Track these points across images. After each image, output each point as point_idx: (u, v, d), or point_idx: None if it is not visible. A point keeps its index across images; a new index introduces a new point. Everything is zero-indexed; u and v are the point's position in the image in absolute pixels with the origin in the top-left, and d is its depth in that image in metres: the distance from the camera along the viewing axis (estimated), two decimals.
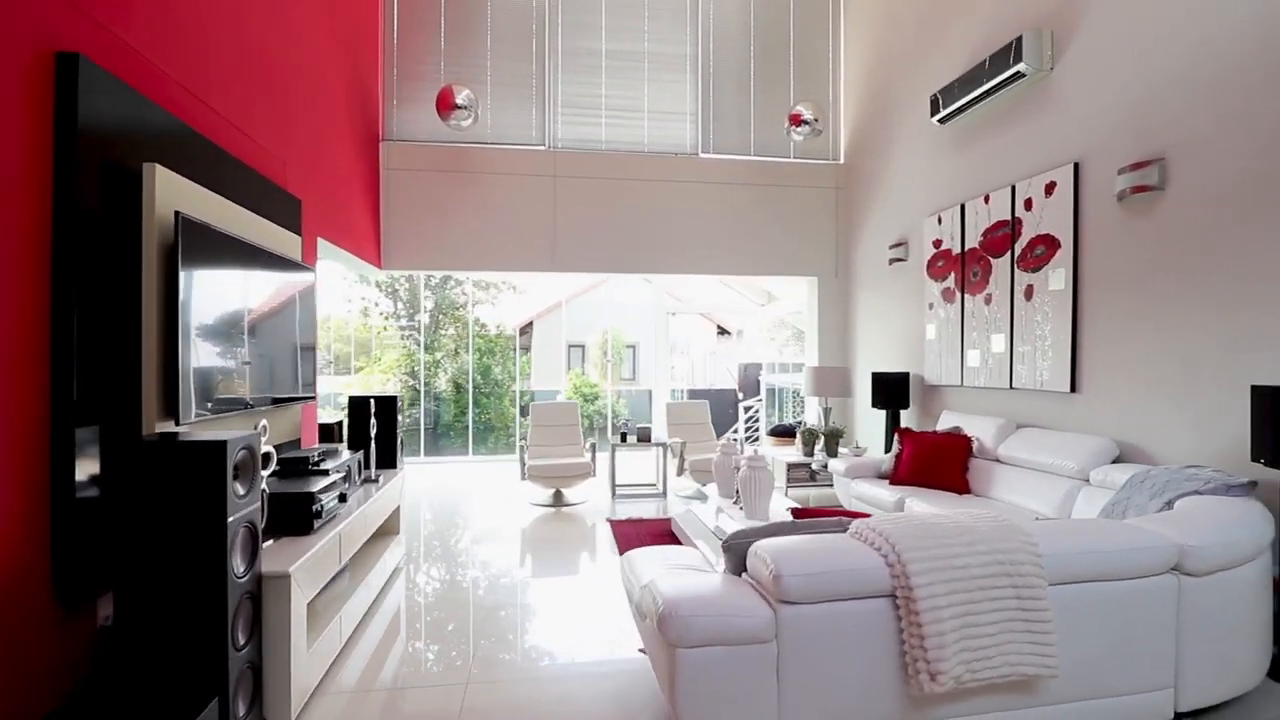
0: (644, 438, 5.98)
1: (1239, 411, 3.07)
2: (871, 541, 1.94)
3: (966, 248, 4.96)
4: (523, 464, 5.67)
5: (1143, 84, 3.56)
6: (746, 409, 11.85)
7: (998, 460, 4.31)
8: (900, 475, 4.53)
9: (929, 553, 1.85)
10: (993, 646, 1.82)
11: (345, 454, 3.27)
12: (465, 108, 5.27)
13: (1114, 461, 3.62)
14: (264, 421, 2.54)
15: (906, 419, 5.72)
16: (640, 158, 6.70)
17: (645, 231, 6.68)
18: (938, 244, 5.31)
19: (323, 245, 4.60)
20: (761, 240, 6.85)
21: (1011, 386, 4.51)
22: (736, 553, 2.10)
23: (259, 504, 2.08)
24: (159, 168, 2.35)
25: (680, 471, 5.86)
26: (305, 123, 4.31)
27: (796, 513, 2.96)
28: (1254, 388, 2.73)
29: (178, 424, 2.29)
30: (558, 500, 5.71)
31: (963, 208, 5.01)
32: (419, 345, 13.45)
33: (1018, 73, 4.26)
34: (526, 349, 16.33)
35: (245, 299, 2.84)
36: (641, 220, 6.68)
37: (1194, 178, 3.29)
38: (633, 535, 4.61)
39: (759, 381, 15.72)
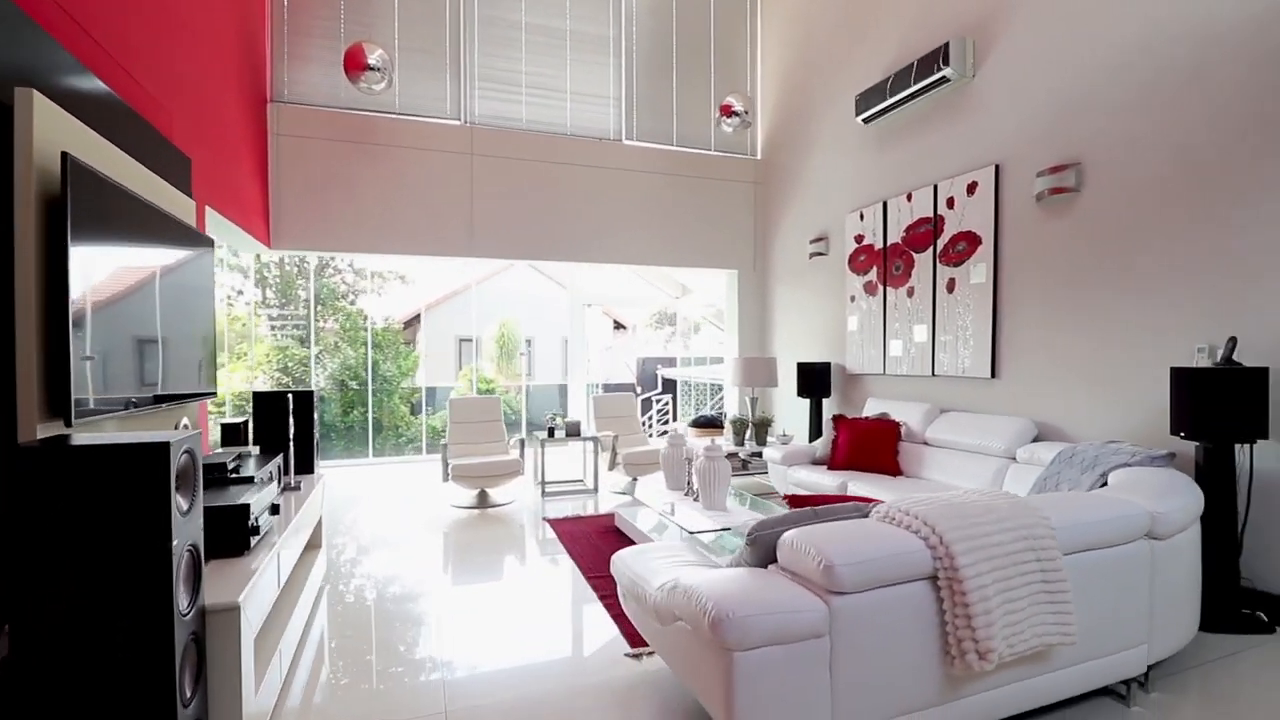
0: (574, 432, 5.74)
1: (1145, 391, 3.42)
2: (908, 525, 1.90)
3: (889, 243, 5.21)
4: (445, 464, 5.24)
5: (1060, 93, 3.88)
6: (657, 402, 11.88)
7: (926, 443, 4.56)
8: (837, 460, 4.67)
9: (966, 532, 1.85)
10: (1023, 621, 1.85)
11: (267, 460, 2.78)
12: (378, 70, 4.73)
13: (1034, 440, 3.93)
14: (185, 419, 2.07)
15: (829, 408, 5.94)
16: (563, 140, 6.43)
17: (568, 217, 6.43)
18: (860, 239, 5.54)
19: (211, 217, 3.93)
20: (683, 232, 6.83)
21: (934, 374, 4.79)
22: (763, 544, 1.99)
23: (201, 521, 1.67)
24: (37, 96, 1.83)
25: (612, 466, 5.69)
26: (189, 69, 3.65)
27: (792, 500, 2.92)
28: (1173, 369, 3.04)
29: (68, 425, 1.79)
30: (483, 501, 5.33)
31: (885, 205, 5.25)
32: (296, 338, 12.16)
33: (943, 77, 4.51)
34: (410, 343, 15.37)
35: (143, 271, 2.31)
36: (564, 206, 6.41)
37: (1106, 181, 3.64)
38: (577, 534, 4.38)
39: (657, 375, 15.89)
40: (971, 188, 4.45)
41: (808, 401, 5.99)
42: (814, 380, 5.81)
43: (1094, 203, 3.70)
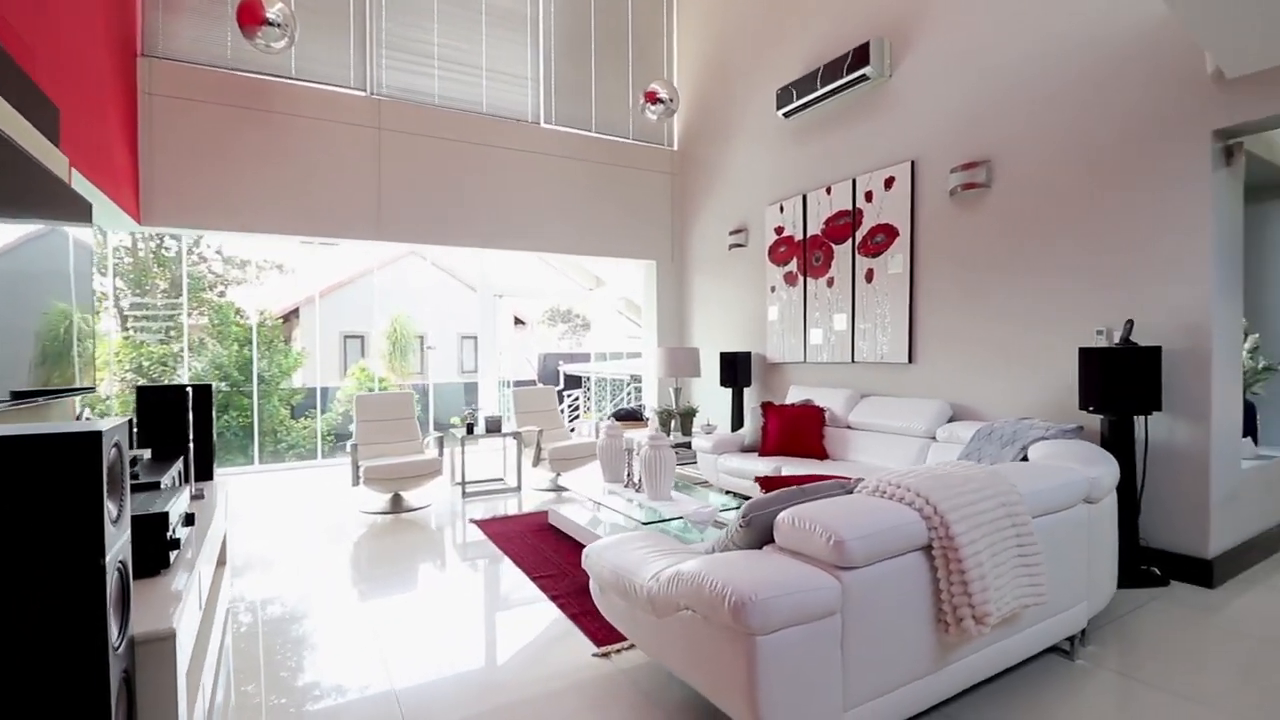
0: (495, 428, 5.47)
1: (1051, 371, 3.76)
2: (900, 498, 1.92)
3: (809, 234, 5.40)
4: (356, 467, 4.80)
5: (972, 94, 4.17)
6: (567, 397, 11.64)
7: (849, 427, 4.77)
8: (768, 447, 4.76)
9: (956, 502, 1.90)
10: (1006, 585, 1.93)
11: (165, 465, 2.37)
12: (278, 25, 4.21)
13: (950, 420, 4.21)
14: (87, 410, 1.70)
15: (750, 397, 6.07)
16: (477, 119, 6.10)
17: (484, 201, 6.11)
18: (780, 231, 5.70)
19: (79, 183, 3.31)
20: (602, 220, 6.72)
21: (854, 360, 5.02)
22: (759, 525, 1.95)
23: (129, 533, 1.37)
24: None
25: (536, 462, 5.48)
26: (51, 4, 3.04)
27: (763, 482, 2.89)
28: (1081, 350, 3.35)
29: None
30: (397, 506, 4.94)
31: (805, 198, 5.43)
32: (155, 334, 10.74)
33: (863, 75, 4.72)
34: (288, 340, 14.13)
35: (11, 233, 1.88)
36: (480, 189, 6.09)
37: (1014, 177, 3.95)
38: (510, 534, 4.16)
39: (559, 372, 15.65)
40: (889, 182, 4.69)
41: (729, 391, 6.10)
42: (736, 370, 5.91)
43: (1003, 197, 4.01)
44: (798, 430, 4.74)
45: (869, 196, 4.86)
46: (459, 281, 15.56)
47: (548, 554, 3.72)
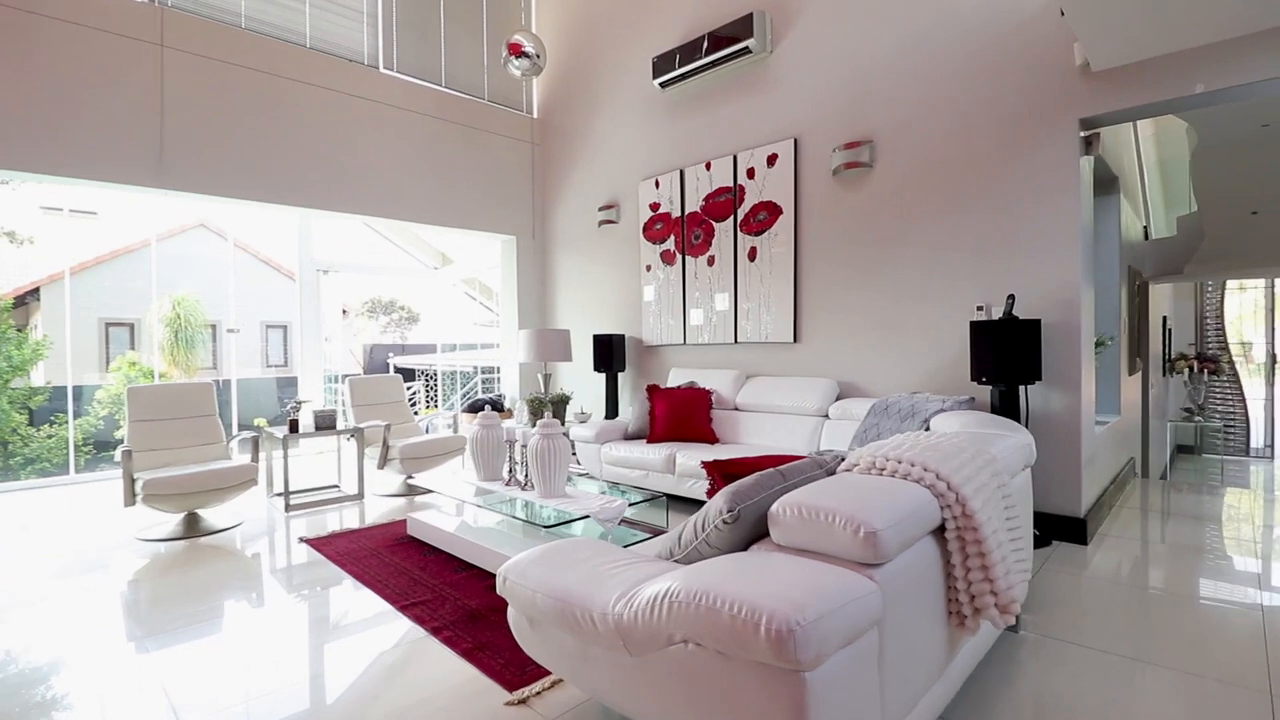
0: (327, 425, 4.50)
1: (933, 346, 3.83)
2: (906, 474, 1.63)
3: (687, 211, 5.14)
4: (130, 481, 3.62)
5: (855, 75, 4.15)
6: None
7: (737, 409, 4.58)
8: (657, 433, 4.42)
9: (966, 474, 1.65)
10: (1011, 565, 1.73)
11: None
12: None
13: (839, 398, 4.18)
14: None
15: (624, 382, 5.70)
16: (300, 53, 5.01)
17: (308, 153, 5.05)
18: (656, 208, 5.39)
19: None
20: (456, 188, 5.92)
21: (737, 341, 4.85)
22: (748, 518, 1.54)
23: None
24: None
25: (384, 463, 4.61)
26: None
27: (713, 468, 2.45)
28: (973, 323, 3.41)
29: None
30: (193, 528, 3.83)
31: (683, 173, 5.17)
32: None
33: (746, 48, 4.54)
34: (22, 328, 11.18)
35: None
36: (303, 137, 5.02)
37: (896, 158, 3.98)
38: (359, 554, 3.36)
39: (388, 364, 14.14)
40: (772, 159, 4.57)
41: (603, 376, 5.69)
42: (610, 353, 5.51)
43: (886, 177, 4.03)
44: (686, 414, 4.45)
45: (751, 174, 4.71)
46: (264, 263, 13.38)
47: (414, 575, 3.02)
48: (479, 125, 6.10)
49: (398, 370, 13.68)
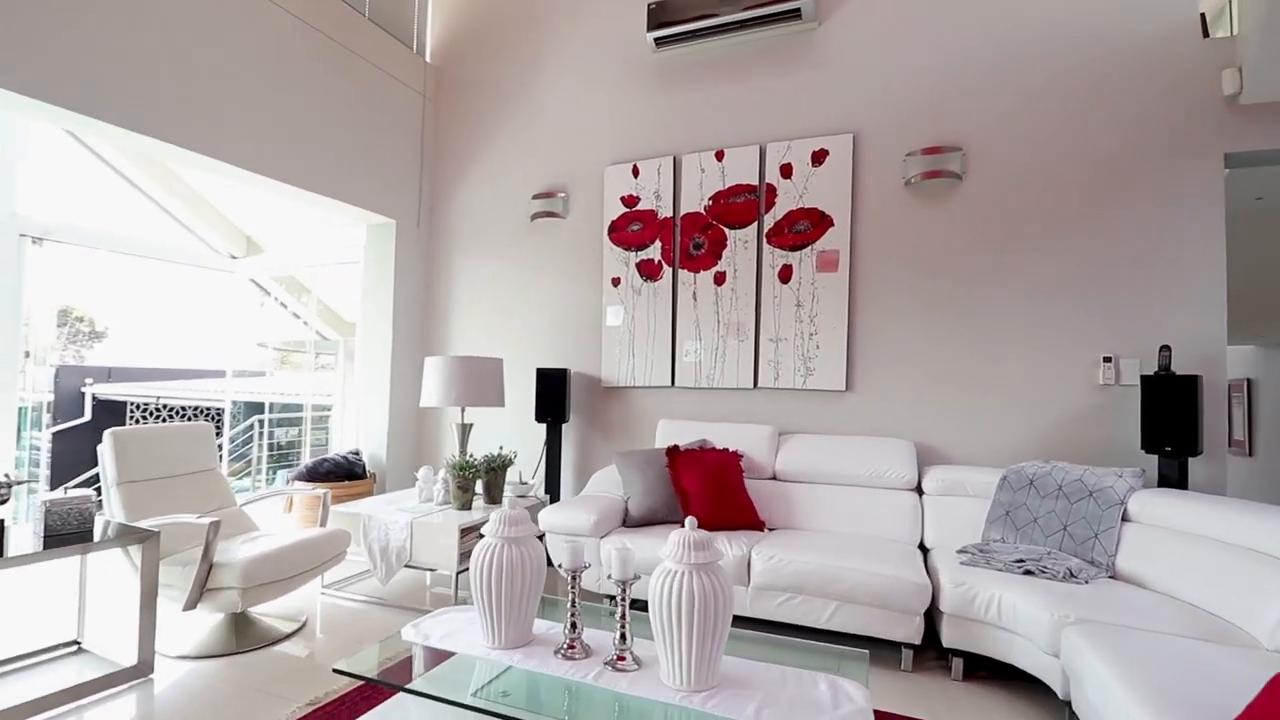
0: (75, 528, 2.21)
1: (1034, 406, 3.16)
2: None
3: (684, 212, 3.90)
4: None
5: (940, 63, 3.42)
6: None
7: (776, 478, 3.41)
8: (698, 517, 3.00)
9: None
10: None
11: None
12: None
13: (921, 467, 3.27)
14: None
15: (570, 436, 4.13)
16: None
17: (103, 41, 2.68)
18: (631, 202, 4.04)
19: None
20: (310, 131, 3.83)
21: (756, 385, 3.70)
22: None
23: None
24: None
25: (196, 601, 2.42)
26: None
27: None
28: (1144, 378, 2.78)
29: None
30: None
31: (678, 161, 3.94)
32: None
33: (795, 10, 3.56)
34: None
35: None
36: (101, 18, 2.65)
37: (994, 172, 3.31)
38: None
39: (84, 396, 9.86)
40: (819, 156, 3.61)
41: (540, 429, 4.06)
42: (563, 396, 3.93)
43: (979, 193, 3.33)
44: (723, 488, 3.14)
45: (787, 171, 3.68)
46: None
47: None
48: (355, 48, 4.10)
49: (98, 403, 9.58)
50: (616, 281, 4.05)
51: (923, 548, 2.99)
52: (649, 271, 3.98)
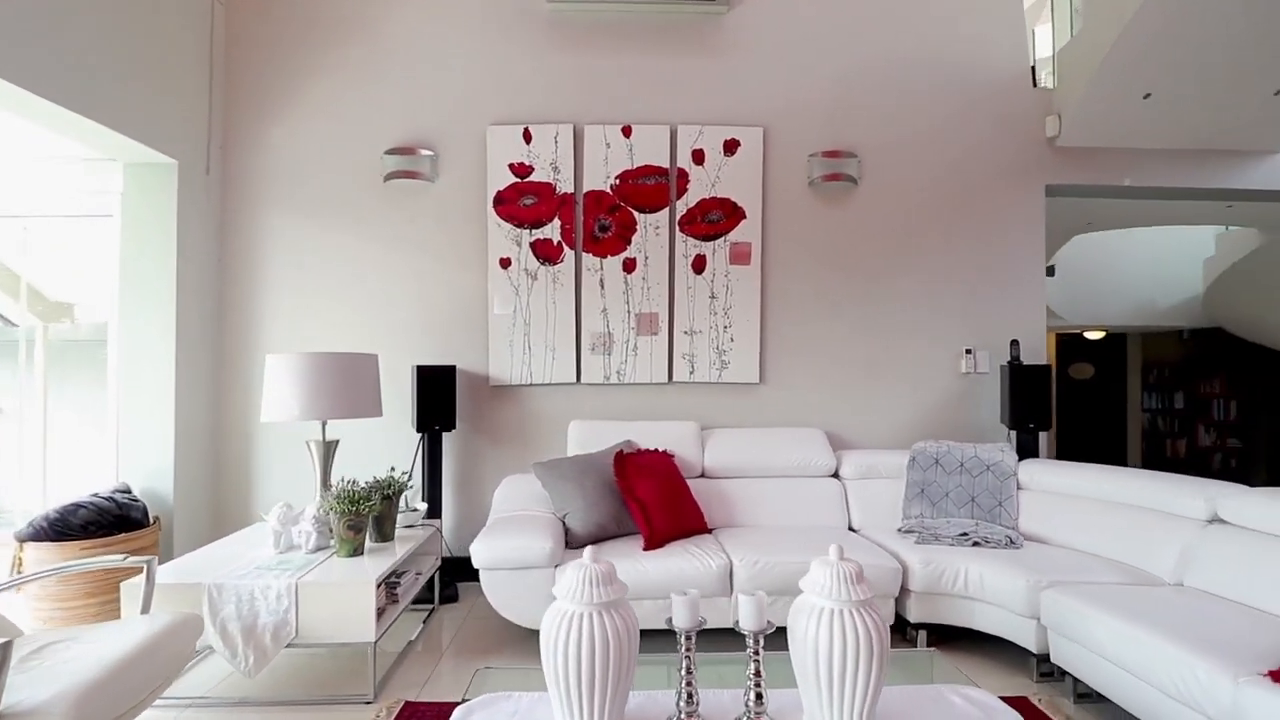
0: None
1: (916, 391, 3.60)
2: None
3: (587, 189, 3.52)
4: None
5: (839, 74, 3.62)
6: None
7: (706, 475, 3.29)
8: (659, 530, 2.73)
9: None
10: None
11: None
12: None
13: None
14: None
15: (452, 446, 3.45)
16: None
17: None
18: (522, 171, 3.50)
19: None
20: (45, 18, 2.50)
21: (671, 380, 3.53)
22: None
23: None
24: None
25: None
26: None
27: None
28: (1007, 366, 3.31)
29: None
30: None
31: (580, 131, 3.52)
32: None
33: None
34: None
35: None
36: None
37: (882, 179, 3.63)
38: None
39: None
40: (731, 146, 3.55)
41: (418, 441, 3.31)
42: (450, 399, 3.25)
43: (872, 199, 3.63)
44: (674, 493, 2.92)
45: (699, 158, 3.55)
46: None
47: None
48: None
49: None
50: (506, 263, 3.48)
51: (851, 530, 3.16)
52: (547, 253, 3.50)
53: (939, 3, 3.62)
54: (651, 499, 2.81)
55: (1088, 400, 7.95)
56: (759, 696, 1.51)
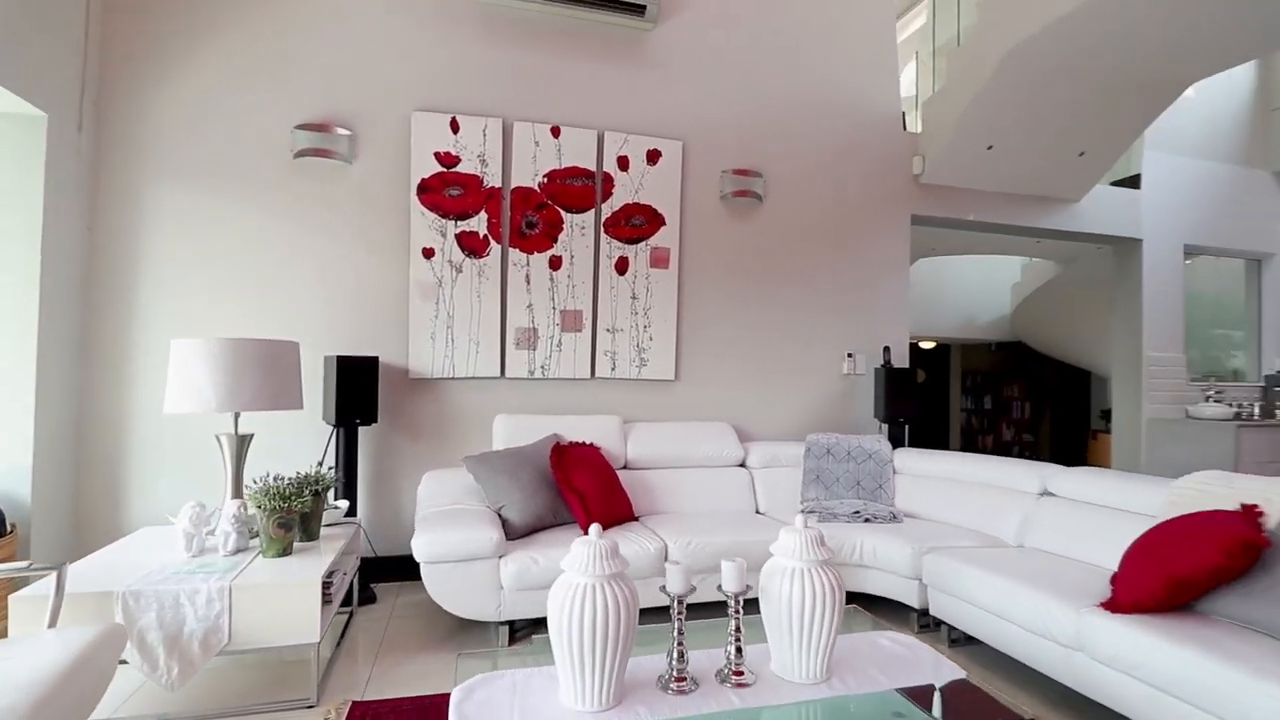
0: None
1: (807, 388, 4.06)
2: None
3: (515, 184, 3.55)
4: None
5: (749, 100, 3.97)
6: None
7: (629, 467, 3.48)
8: (597, 518, 2.86)
9: None
10: None
11: None
12: None
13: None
14: None
15: (367, 443, 3.31)
16: None
17: None
18: (449, 161, 3.46)
19: None
20: None
21: (594, 375, 3.67)
22: None
23: None
24: None
25: None
26: None
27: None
28: (888, 369, 3.83)
29: None
30: None
31: (509, 127, 3.55)
32: None
33: (639, 3, 3.61)
34: None
35: None
36: None
37: (782, 199, 4.03)
38: None
39: None
40: (653, 156, 3.76)
41: (331, 435, 3.15)
42: (372, 392, 3.13)
43: (774, 216, 4.02)
44: (607, 484, 3.07)
45: (624, 164, 3.71)
46: None
47: None
48: None
49: None
50: (429, 253, 3.42)
51: (759, 513, 3.50)
52: (472, 246, 3.48)
53: (829, 55, 4.10)
54: (589, 489, 2.93)
55: (921, 401, 9.17)
56: (739, 650, 1.72)
